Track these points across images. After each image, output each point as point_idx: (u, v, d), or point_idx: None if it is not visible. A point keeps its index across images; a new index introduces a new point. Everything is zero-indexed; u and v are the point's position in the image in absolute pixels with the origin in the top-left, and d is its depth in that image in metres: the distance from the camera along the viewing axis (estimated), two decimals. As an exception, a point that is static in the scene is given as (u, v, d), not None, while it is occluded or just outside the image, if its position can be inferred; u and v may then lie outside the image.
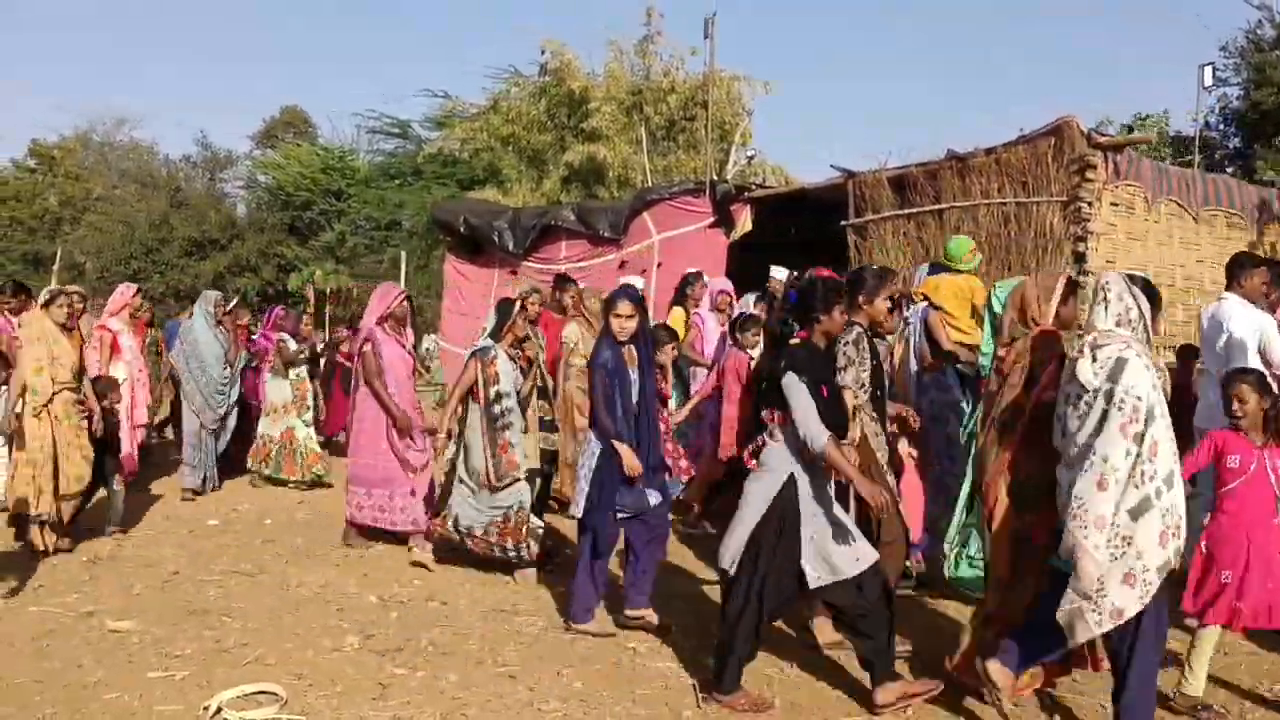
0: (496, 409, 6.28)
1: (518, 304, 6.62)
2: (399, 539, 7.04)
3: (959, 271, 7.09)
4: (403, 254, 18.61)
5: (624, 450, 5.17)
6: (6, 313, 8.65)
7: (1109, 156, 8.77)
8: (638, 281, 10.33)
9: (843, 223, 10.51)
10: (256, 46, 66.86)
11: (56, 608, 5.63)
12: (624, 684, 4.61)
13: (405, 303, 7.15)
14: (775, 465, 4.26)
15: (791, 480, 4.22)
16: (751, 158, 19.79)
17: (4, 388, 7.95)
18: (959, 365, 6.64)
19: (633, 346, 5.36)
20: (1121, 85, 51.82)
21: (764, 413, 4.33)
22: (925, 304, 6.91)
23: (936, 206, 9.62)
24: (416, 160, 26.64)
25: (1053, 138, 8.85)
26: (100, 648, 4.99)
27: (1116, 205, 8.94)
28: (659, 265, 11.59)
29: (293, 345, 9.91)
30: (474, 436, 6.34)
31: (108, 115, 37.79)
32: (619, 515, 5.24)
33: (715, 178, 12.55)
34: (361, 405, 7.05)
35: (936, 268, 7.37)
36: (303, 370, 9.94)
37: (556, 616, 5.60)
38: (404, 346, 7.15)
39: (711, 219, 11.60)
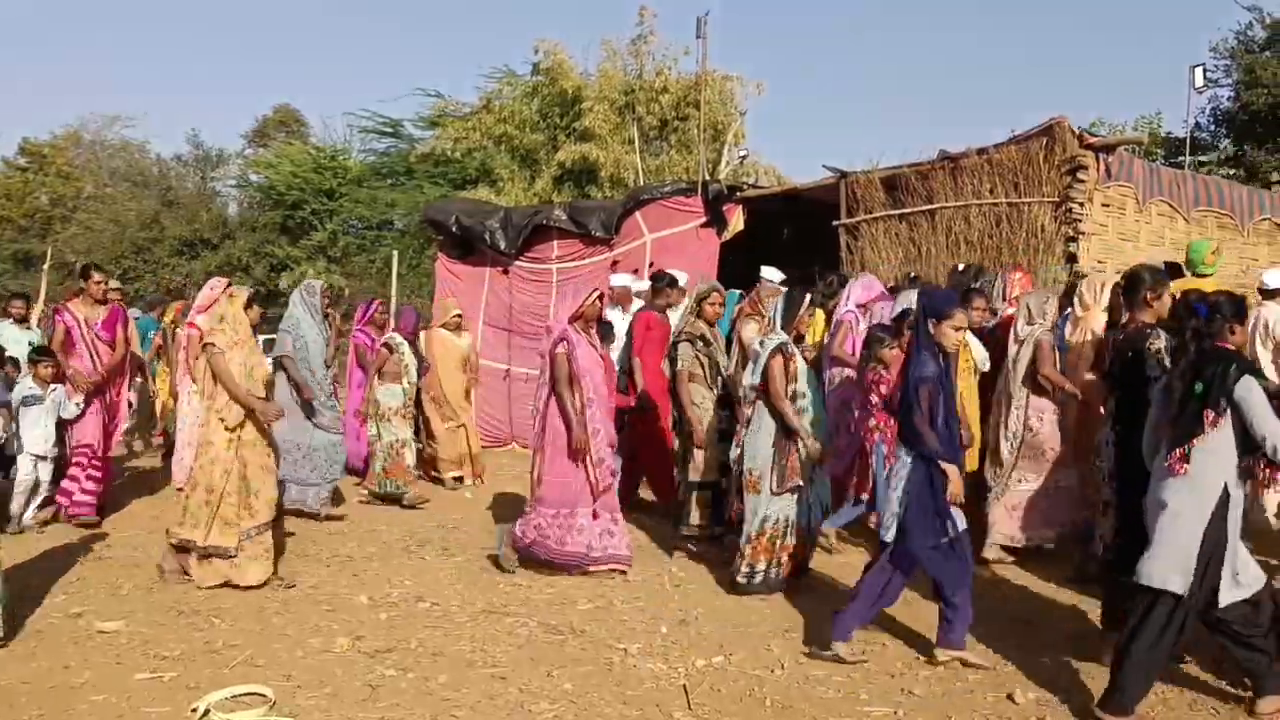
0: (795, 407, 5.93)
1: (806, 298, 6.13)
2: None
3: (1202, 275, 6.96)
4: (394, 253, 18.54)
5: (953, 473, 4.76)
6: (92, 301, 7.98)
7: (1100, 157, 8.81)
8: (631, 280, 10.38)
9: (835, 223, 10.52)
10: (249, 45, 66.67)
11: (44, 608, 5.59)
12: (614, 685, 4.59)
13: (599, 302, 6.64)
14: (1209, 476, 4.11)
15: (1225, 494, 4.09)
16: (744, 157, 19.79)
17: (54, 387, 7.49)
18: None
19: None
20: (1113, 86, 51.89)
21: (1208, 416, 4.11)
22: None
23: (929, 207, 9.65)
24: (409, 159, 26.58)
25: (1044, 138, 8.89)
26: (87, 648, 4.97)
27: (1108, 206, 8.97)
28: (651, 265, 11.57)
29: (408, 354, 8.99)
30: (760, 438, 5.95)
31: (99, 113, 37.62)
32: (936, 541, 4.81)
33: (708, 178, 12.55)
34: (554, 415, 6.40)
35: (1173, 270, 7.16)
36: (414, 373, 9.12)
37: (548, 617, 5.58)
38: (597, 349, 6.61)
39: (704, 219, 11.61)
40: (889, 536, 4.87)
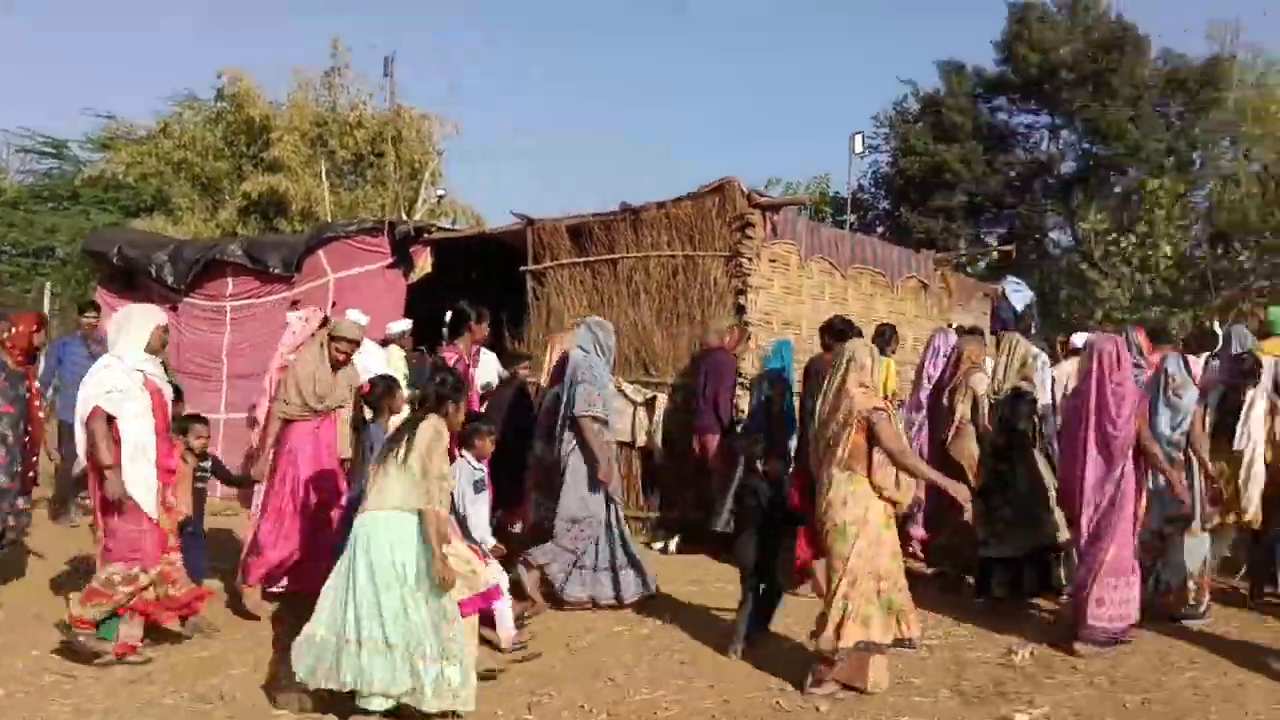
0: None
1: None
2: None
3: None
4: (47, 284, 16.90)
5: None
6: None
7: (767, 215, 9.36)
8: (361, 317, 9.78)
9: (522, 268, 10.55)
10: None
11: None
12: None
13: None
14: None
15: None
16: (441, 197, 19.67)
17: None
18: None
19: None
20: (789, 148, 55.70)
21: None
22: None
23: (611, 256, 9.87)
24: (74, 183, 24.43)
25: (717, 196, 9.33)
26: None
27: (774, 261, 9.54)
28: (333, 305, 11.11)
29: None
30: None
31: None
32: None
33: (403, 216, 12.30)
34: None
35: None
36: None
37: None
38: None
39: (390, 259, 11.33)
40: None
